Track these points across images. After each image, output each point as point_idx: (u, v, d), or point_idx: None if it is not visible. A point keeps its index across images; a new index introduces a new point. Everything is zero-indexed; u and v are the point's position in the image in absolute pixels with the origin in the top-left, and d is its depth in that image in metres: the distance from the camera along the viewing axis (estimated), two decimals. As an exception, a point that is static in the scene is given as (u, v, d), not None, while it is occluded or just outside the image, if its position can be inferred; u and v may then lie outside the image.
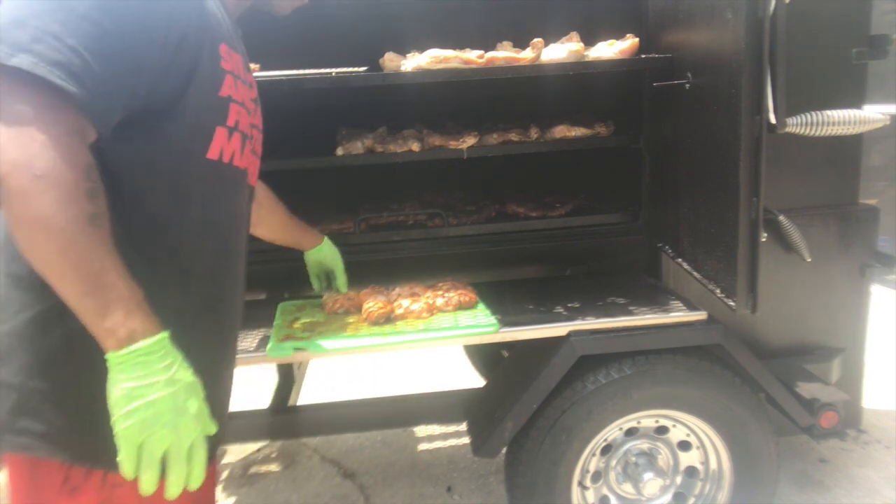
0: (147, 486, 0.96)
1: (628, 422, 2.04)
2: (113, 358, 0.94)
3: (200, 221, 1.17)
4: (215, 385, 1.22)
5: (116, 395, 0.94)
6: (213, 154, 1.14)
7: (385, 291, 2.04)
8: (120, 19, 0.97)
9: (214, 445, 1.19)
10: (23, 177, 0.88)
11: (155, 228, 1.10)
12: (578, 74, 2.05)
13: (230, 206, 1.25)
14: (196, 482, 0.99)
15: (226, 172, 1.19)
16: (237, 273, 1.31)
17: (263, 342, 1.87)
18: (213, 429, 1.03)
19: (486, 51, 2.01)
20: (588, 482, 2.08)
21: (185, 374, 1.00)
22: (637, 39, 2.06)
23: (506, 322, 1.91)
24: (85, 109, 0.94)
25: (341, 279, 2.03)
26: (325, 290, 2.06)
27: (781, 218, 2.00)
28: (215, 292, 1.23)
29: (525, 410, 1.93)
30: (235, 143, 1.19)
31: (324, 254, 2.00)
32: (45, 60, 0.89)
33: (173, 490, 0.97)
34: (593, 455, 2.05)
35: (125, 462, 0.94)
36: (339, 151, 2.16)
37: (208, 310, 1.22)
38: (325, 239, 1.99)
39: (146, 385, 0.94)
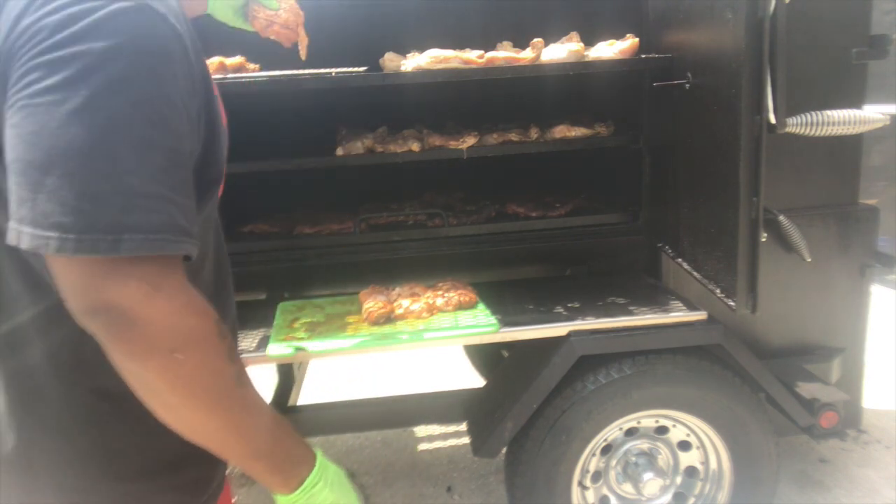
0: None
1: (628, 422, 2.04)
2: (285, 500, 0.96)
3: (212, 265, 1.12)
4: None
5: None
6: (220, 191, 1.06)
7: (385, 291, 2.04)
8: (168, 125, 0.81)
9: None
10: (165, 363, 0.80)
11: (207, 267, 1.06)
12: (578, 74, 2.05)
13: (221, 235, 1.18)
14: None
15: (217, 202, 1.10)
16: (232, 300, 1.26)
17: (263, 342, 1.87)
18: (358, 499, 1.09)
19: (486, 51, 2.01)
20: (588, 482, 2.08)
21: (341, 480, 1.04)
22: (637, 39, 2.06)
23: (506, 322, 1.91)
24: (191, 252, 0.83)
25: None
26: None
27: (781, 218, 2.00)
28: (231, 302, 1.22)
29: (525, 410, 1.93)
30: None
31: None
32: (150, 231, 0.77)
33: None
34: (593, 455, 2.05)
35: None
36: (339, 151, 2.16)
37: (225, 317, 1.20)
38: None
39: None
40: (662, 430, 2.10)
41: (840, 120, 1.75)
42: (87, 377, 0.94)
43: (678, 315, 1.95)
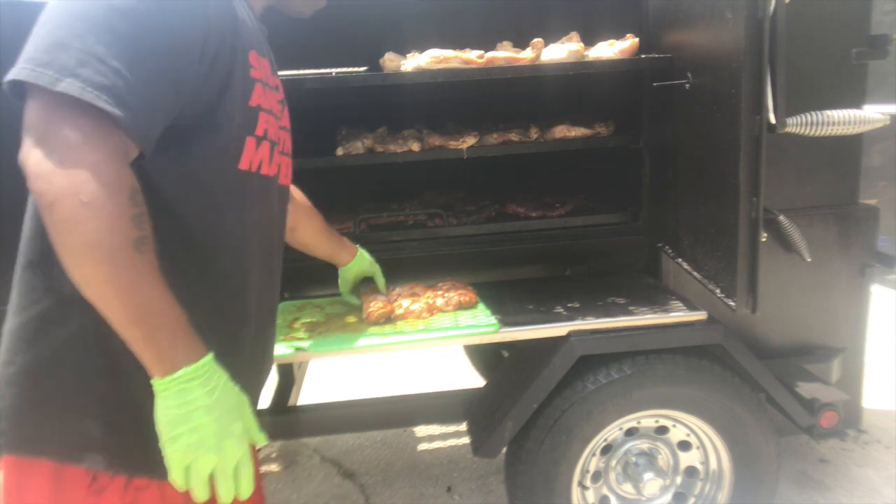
0: (198, 499, 1.00)
1: (628, 422, 2.04)
2: (158, 384, 0.97)
3: (233, 232, 1.16)
4: (252, 389, 1.22)
5: (162, 419, 0.97)
6: (244, 165, 1.14)
7: (386, 291, 2.04)
8: (160, 37, 0.96)
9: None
10: (70, 204, 0.88)
11: (189, 241, 1.09)
12: (578, 74, 2.05)
13: (260, 214, 1.23)
14: (245, 494, 1.03)
15: (255, 182, 1.19)
16: (272, 279, 1.31)
17: (263, 342, 1.87)
18: (262, 440, 1.07)
19: (486, 51, 2.01)
20: (588, 482, 2.08)
21: (229, 396, 1.02)
22: (637, 39, 2.06)
23: (506, 322, 1.90)
24: (129, 131, 0.93)
25: (381, 283, 2.01)
26: (360, 293, 2.02)
27: (781, 218, 2.00)
28: (243, 305, 1.22)
29: (525, 410, 1.93)
30: (263, 152, 1.19)
31: (363, 267, 1.96)
32: (91, 85, 0.89)
33: (223, 501, 1.01)
34: (593, 455, 2.05)
35: (176, 480, 0.99)
36: (339, 151, 2.16)
37: (235, 322, 1.21)
38: (360, 250, 1.95)
39: (189, 411, 0.97)
40: (662, 430, 2.10)
41: (840, 120, 1.75)
42: (47, 274, 1.04)
43: (678, 315, 1.95)
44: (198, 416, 0.97)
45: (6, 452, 1.07)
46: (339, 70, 1.99)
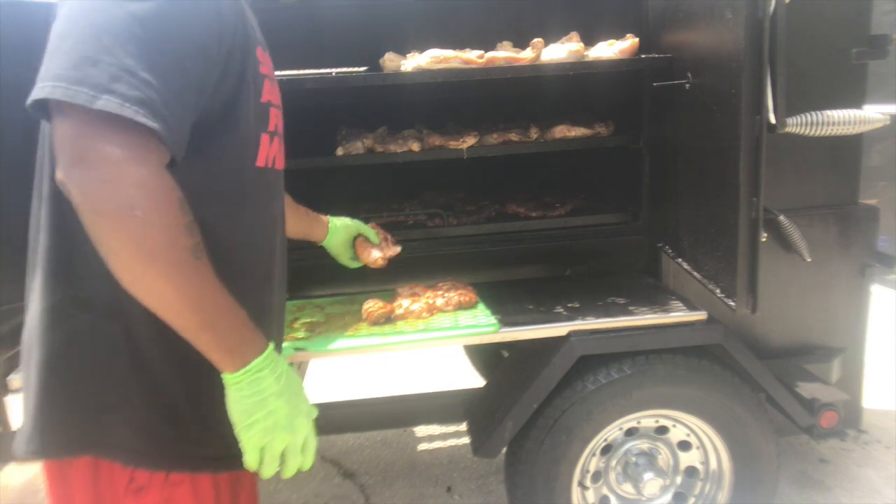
0: (267, 475, 1.08)
1: (628, 422, 2.04)
2: (230, 378, 1.01)
3: (252, 229, 1.18)
4: None
5: (237, 409, 1.03)
6: (261, 162, 1.16)
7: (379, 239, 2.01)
8: (180, 40, 0.96)
9: None
10: (125, 221, 0.88)
11: (211, 240, 1.09)
12: (578, 74, 2.05)
13: (275, 210, 1.26)
14: (308, 465, 1.12)
15: (270, 177, 1.21)
16: (282, 274, 1.32)
17: (263, 342, 1.87)
18: (315, 412, 1.14)
19: (486, 51, 2.01)
20: (588, 482, 2.08)
21: (292, 379, 1.08)
22: (637, 39, 2.06)
23: (506, 322, 1.90)
24: (167, 142, 0.93)
25: (371, 234, 1.95)
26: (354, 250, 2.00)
27: (781, 218, 2.00)
28: (265, 297, 1.25)
29: (525, 410, 1.93)
30: (276, 147, 1.21)
31: (341, 238, 1.92)
32: (128, 100, 0.88)
33: (288, 473, 1.09)
34: (593, 455, 2.05)
35: (251, 463, 1.06)
36: (339, 151, 2.16)
37: (260, 315, 1.21)
38: (331, 222, 1.90)
39: (263, 398, 1.03)
40: (662, 430, 2.10)
41: (840, 120, 1.75)
42: (72, 284, 1.05)
43: (678, 315, 1.95)
44: (271, 401, 1.03)
45: (45, 457, 1.09)
46: (339, 70, 1.99)
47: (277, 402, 1.04)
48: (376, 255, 1.92)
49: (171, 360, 1.02)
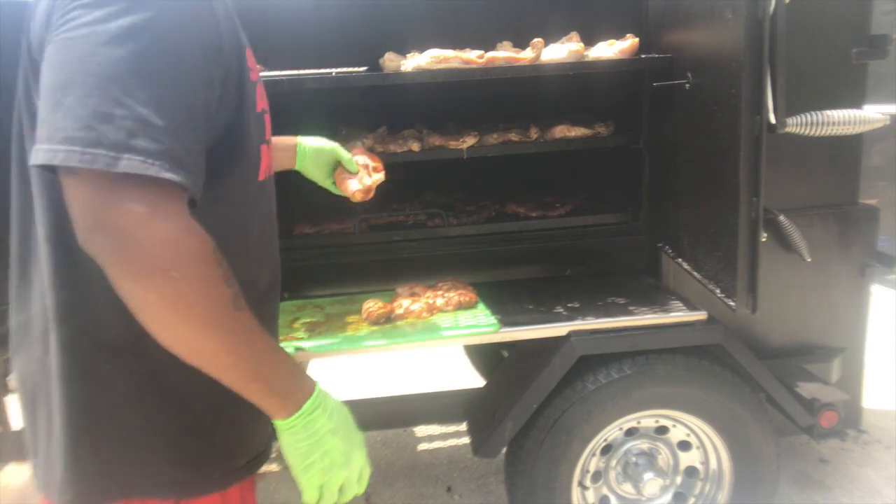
0: None
1: (628, 422, 2.04)
2: (283, 424, 0.99)
3: (259, 242, 1.16)
4: None
5: (294, 453, 1.01)
6: (262, 175, 1.13)
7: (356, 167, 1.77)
8: (184, 65, 0.88)
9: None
10: (162, 283, 0.83)
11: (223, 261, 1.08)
12: (578, 74, 2.05)
13: (272, 215, 1.23)
14: (362, 491, 1.10)
15: (268, 187, 1.18)
16: (279, 280, 1.29)
17: (263, 342, 1.87)
18: (361, 437, 1.11)
19: (486, 51, 2.01)
20: (588, 482, 2.08)
21: (342, 412, 1.07)
22: (637, 39, 2.06)
23: (506, 322, 1.91)
24: (189, 189, 0.87)
25: (345, 160, 1.70)
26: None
27: (781, 218, 2.00)
28: (274, 304, 1.24)
29: (525, 410, 1.93)
30: (269, 154, 1.18)
31: (314, 159, 1.68)
32: (150, 155, 0.82)
33: (345, 501, 1.08)
34: (593, 455, 2.05)
35: (310, 500, 1.05)
36: (339, 151, 2.15)
37: (271, 322, 1.22)
38: (298, 144, 1.67)
39: (318, 439, 1.01)
40: (662, 430, 2.10)
41: (840, 120, 1.75)
42: (91, 330, 1.00)
43: (678, 315, 1.95)
44: (327, 440, 1.01)
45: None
46: (339, 70, 1.99)
47: (333, 440, 1.02)
48: (354, 188, 1.69)
49: (189, 378, 0.96)
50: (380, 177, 1.72)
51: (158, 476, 1.04)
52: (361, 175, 1.72)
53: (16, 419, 1.88)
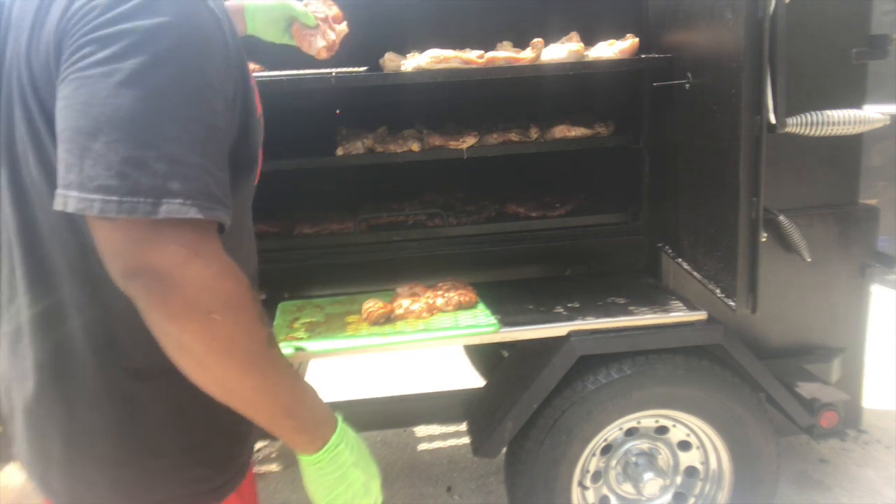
0: None
1: (628, 422, 2.04)
2: (309, 460, 1.00)
3: (250, 245, 1.16)
4: None
5: (319, 488, 1.02)
6: (256, 180, 1.11)
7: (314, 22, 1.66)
8: (209, 100, 0.86)
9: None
10: (203, 325, 0.82)
11: None
12: (578, 74, 2.05)
13: (251, 220, 1.21)
14: None
15: (253, 190, 1.15)
16: (256, 282, 1.28)
17: (263, 342, 1.87)
18: (376, 467, 1.12)
19: (486, 51, 2.01)
20: (588, 482, 2.08)
21: (359, 443, 1.07)
22: (637, 39, 2.06)
23: (506, 322, 1.90)
24: (224, 221, 0.86)
25: (303, 16, 1.59)
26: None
27: (781, 218, 2.00)
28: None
29: (525, 410, 1.93)
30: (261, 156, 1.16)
31: (263, 17, 1.56)
32: (187, 196, 0.80)
33: None
34: (593, 455, 2.05)
35: None
36: (339, 151, 2.16)
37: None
38: (246, 7, 1.54)
39: (343, 473, 1.02)
40: (662, 430, 2.10)
41: (840, 120, 1.75)
42: (121, 356, 0.98)
43: (678, 315, 1.95)
44: (350, 473, 1.03)
45: None
46: (339, 70, 1.99)
47: (355, 472, 1.04)
48: (319, 45, 1.60)
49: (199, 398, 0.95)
50: (343, 27, 1.62)
51: (182, 488, 1.05)
52: (323, 29, 1.62)
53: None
